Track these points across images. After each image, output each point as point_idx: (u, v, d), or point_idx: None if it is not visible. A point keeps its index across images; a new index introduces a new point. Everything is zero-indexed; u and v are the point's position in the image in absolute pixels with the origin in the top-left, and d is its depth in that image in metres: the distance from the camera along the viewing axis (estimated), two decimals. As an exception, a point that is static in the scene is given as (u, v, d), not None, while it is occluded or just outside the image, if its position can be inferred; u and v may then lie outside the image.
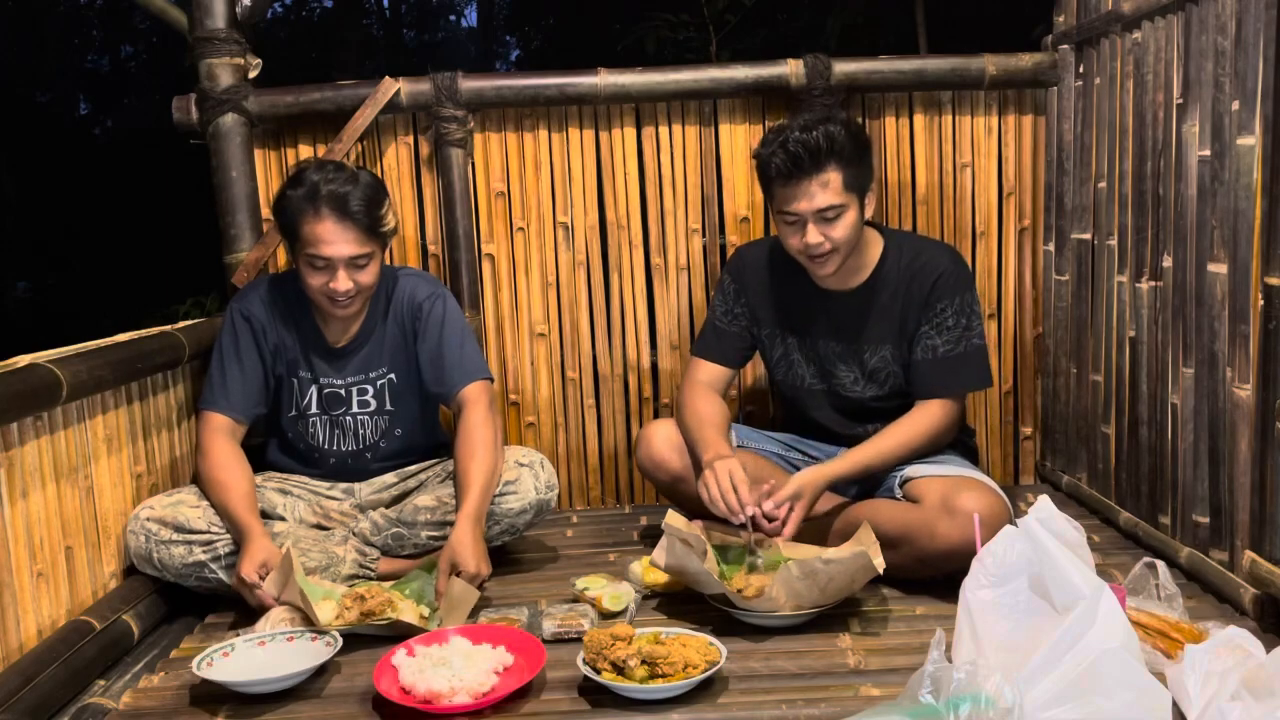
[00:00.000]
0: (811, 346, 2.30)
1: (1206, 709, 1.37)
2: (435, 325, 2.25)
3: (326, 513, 2.28)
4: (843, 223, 2.07)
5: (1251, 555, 1.80)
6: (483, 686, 1.62)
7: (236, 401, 2.20)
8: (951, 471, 2.09)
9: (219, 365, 2.22)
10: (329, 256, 2.07)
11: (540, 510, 2.26)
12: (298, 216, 2.08)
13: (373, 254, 2.11)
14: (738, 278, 2.35)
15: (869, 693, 1.62)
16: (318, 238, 2.06)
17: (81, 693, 1.75)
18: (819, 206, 2.04)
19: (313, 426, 2.31)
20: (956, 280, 2.17)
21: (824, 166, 2.02)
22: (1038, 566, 1.48)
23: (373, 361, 2.28)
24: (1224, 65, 1.87)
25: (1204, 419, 1.99)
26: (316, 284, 2.11)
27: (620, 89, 2.68)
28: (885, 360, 2.24)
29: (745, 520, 2.00)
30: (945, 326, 2.15)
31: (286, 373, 2.27)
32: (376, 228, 2.10)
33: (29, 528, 1.79)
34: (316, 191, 2.06)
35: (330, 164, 2.15)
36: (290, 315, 2.25)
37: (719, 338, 2.37)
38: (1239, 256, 1.84)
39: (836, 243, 2.08)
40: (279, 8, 12.04)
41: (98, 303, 8.41)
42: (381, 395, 2.30)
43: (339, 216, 2.05)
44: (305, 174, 2.11)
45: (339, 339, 2.26)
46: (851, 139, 2.05)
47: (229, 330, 2.24)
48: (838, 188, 2.04)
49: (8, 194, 9.58)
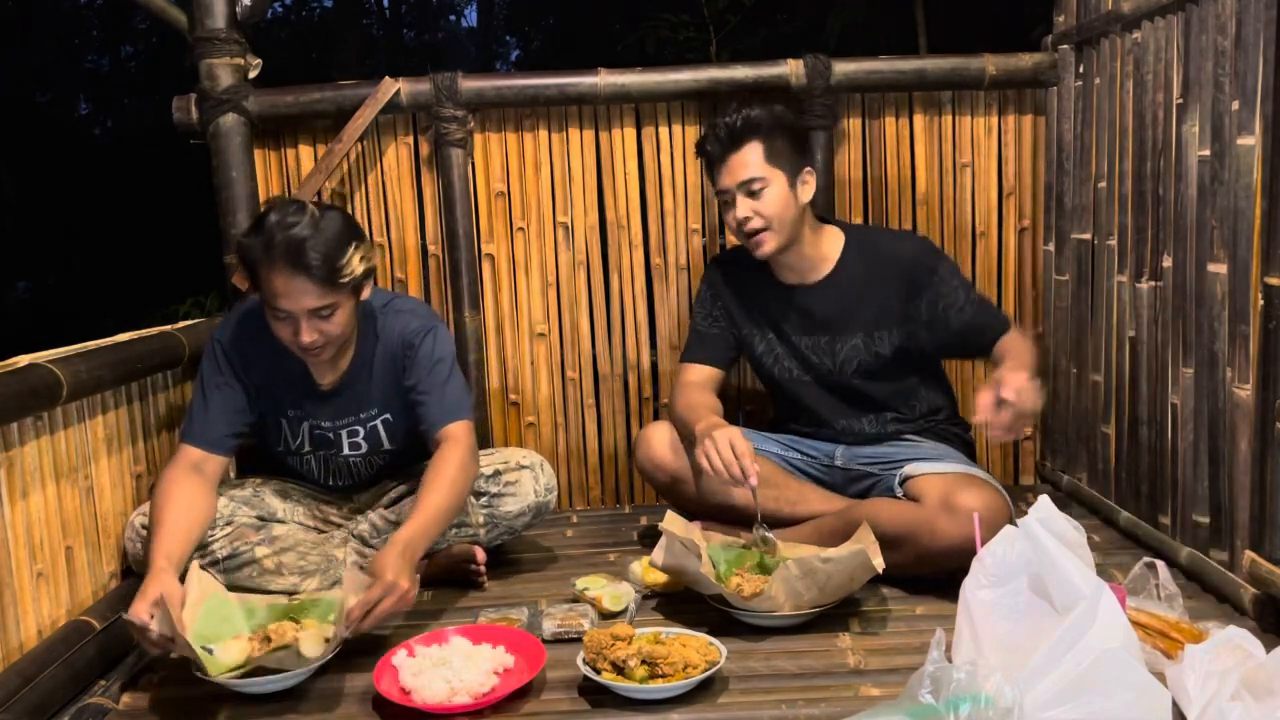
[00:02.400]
0: (787, 342, 2.34)
1: (1206, 709, 1.37)
2: (425, 360, 2.12)
3: (325, 516, 2.28)
4: (768, 197, 2.17)
5: (1251, 555, 1.80)
6: (483, 687, 1.62)
7: (212, 433, 2.07)
8: (952, 469, 2.10)
9: (199, 396, 2.11)
10: (287, 309, 1.92)
11: (539, 513, 2.25)
12: (256, 266, 1.92)
13: (336, 304, 1.94)
14: (711, 284, 2.42)
15: (869, 693, 1.62)
16: (274, 290, 1.90)
17: (81, 693, 1.75)
18: (740, 179, 2.17)
19: (307, 463, 2.26)
20: (932, 258, 2.27)
21: (742, 142, 2.17)
22: (1038, 566, 1.48)
23: (362, 403, 2.17)
24: (1224, 65, 1.87)
25: (1204, 419, 1.99)
26: (282, 335, 1.98)
27: (620, 89, 2.68)
28: (856, 349, 2.27)
29: (751, 488, 1.99)
30: (952, 287, 2.23)
31: (273, 412, 2.17)
32: (336, 278, 1.90)
33: (29, 528, 1.79)
34: (271, 240, 1.88)
35: (292, 205, 1.94)
36: (275, 352, 2.07)
37: (703, 341, 2.40)
38: (1239, 256, 1.84)
39: (767, 219, 2.18)
40: (279, 8, 12.04)
41: (98, 303, 8.41)
42: (374, 436, 2.20)
43: (293, 269, 1.87)
44: (266, 217, 1.93)
45: (326, 380, 2.14)
46: (770, 116, 2.19)
47: (210, 360, 2.11)
48: (759, 160, 2.17)
49: (8, 194, 9.58)
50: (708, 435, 2.03)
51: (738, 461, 1.97)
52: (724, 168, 2.20)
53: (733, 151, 2.18)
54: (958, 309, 2.22)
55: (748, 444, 2.01)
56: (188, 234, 6.22)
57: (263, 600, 1.89)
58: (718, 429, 2.05)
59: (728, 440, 2.00)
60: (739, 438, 2.01)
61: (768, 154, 2.17)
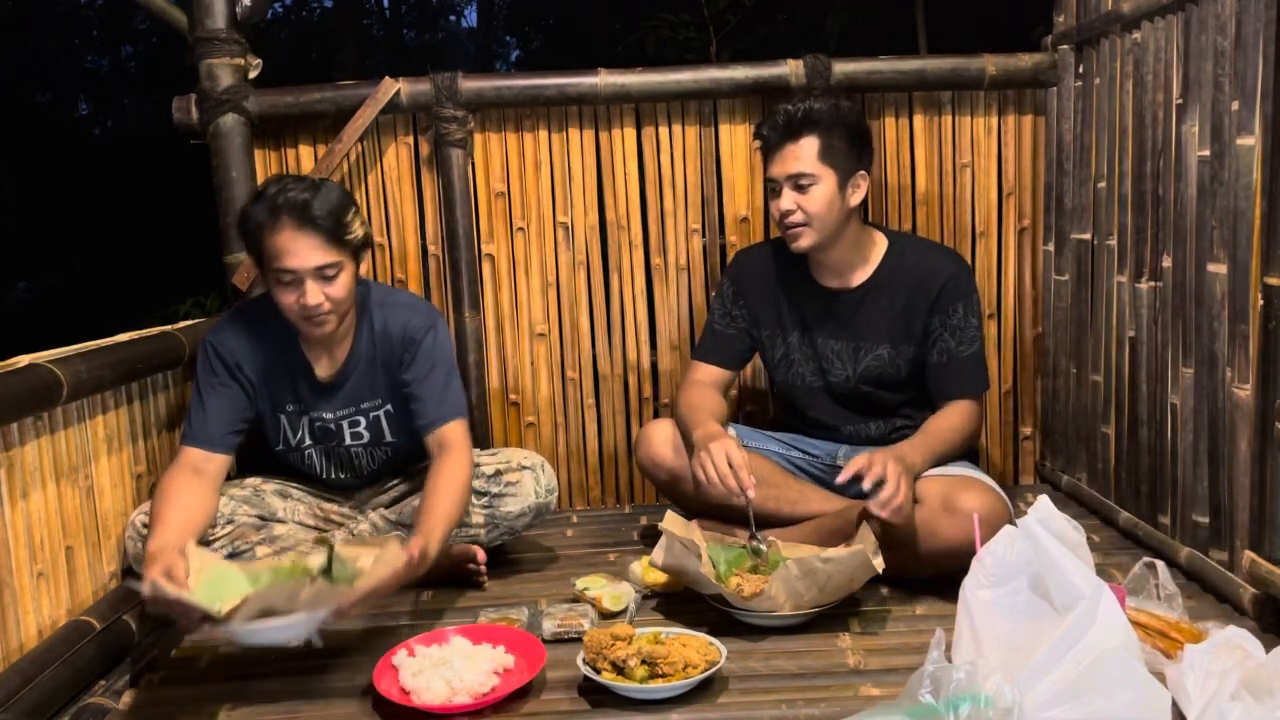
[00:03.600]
0: (811, 344, 2.31)
1: (1206, 709, 1.37)
2: (425, 357, 2.14)
3: (326, 515, 2.27)
4: (815, 195, 2.12)
5: (1251, 555, 1.80)
6: (483, 687, 1.62)
7: (212, 432, 2.07)
8: (951, 471, 2.09)
9: (196, 399, 2.11)
10: (294, 268, 1.94)
11: (540, 513, 2.25)
12: (259, 232, 1.95)
13: (341, 264, 1.97)
14: (736, 281, 2.37)
15: (869, 693, 1.62)
16: (279, 249, 1.94)
17: (81, 693, 1.75)
18: (790, 171, 2.12)
19: (308, 458, 2.25)
20: (965, 283, 2.22)
21: (799, 134, 2.12)
22: (1038, 566, 1.48)
23: (363, 393, 2.18)
24: (1224, 65, 1.87)
25: (1204, 419, 1.99)
26: (287, 302, 1.98)
27: (620, 89, 2.68)
28: (880, 360, 2.25)
29: (746, 502, 1.99)
30: (958, 328, 2.19)
31: (271, 409, 2.17)
32: (341, 235, 1.96)
33: (29, 528, 1.79)
34: (275, 203, 1.94)
35: (290, 177, 2.02)
36: (273, 348, 2.12)
37: (717, 341, 2.38)
38: (1239, 256, 1.84)
39: (809, 215, 2.13)
40: (279, 8, 12.05)
41: (98, 303, 8.42)
42: (376, 426, 2.21)
43: (299, 224, 1.92)
44: (266, 187, 2.00)
45: (326, 371, 2.15)
46: (833, 113, 2.13)
47: (203, 364, 2.11)
48: (812, 156, 2.12)
49: (8, 194, 9.58)
50: (704, 447, 2.03)
51: (734, 474, 1.98)
52: (777, 157, 2.15)
53: (788, 142, 2.13)
54: (954, 346, 2.19)
55: (744, 455, 2.01)
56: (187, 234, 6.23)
57: (265, 564, 1.88)
58: (714, 440, 2.04)
59: (723, 452, 2.00)
60: (735, 449, 2.01)
61: (823, 151, 2.12)
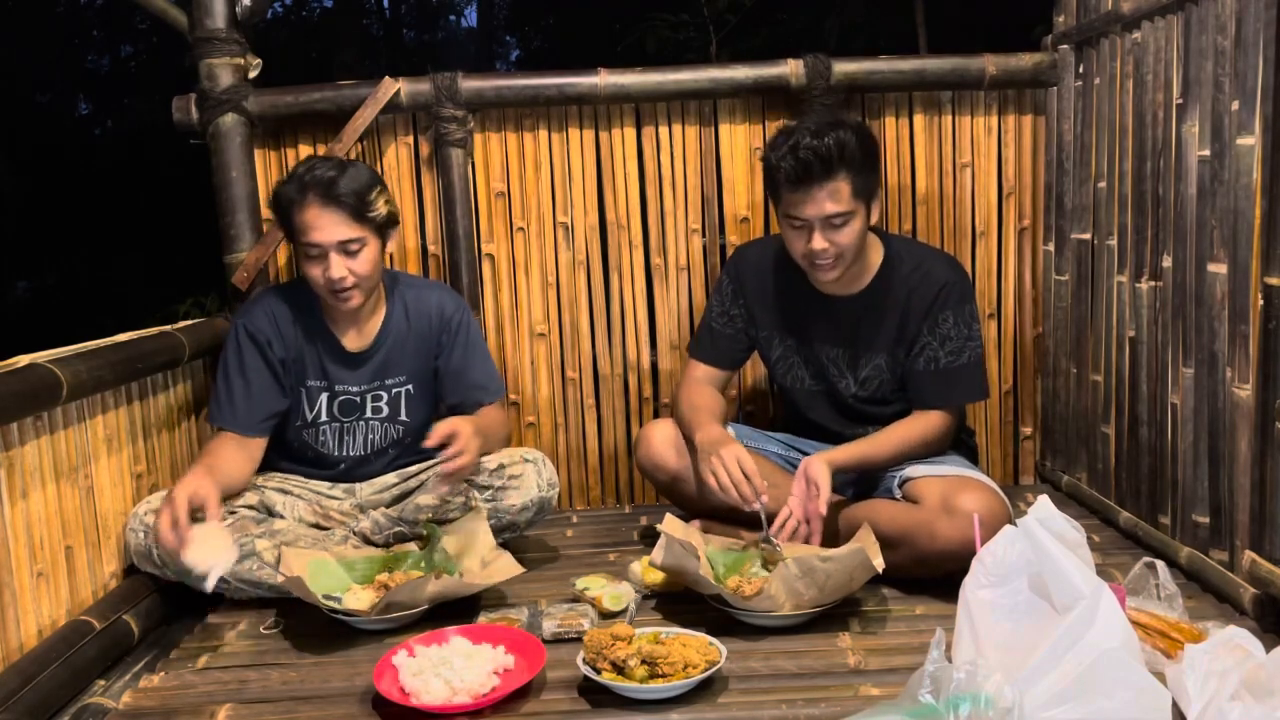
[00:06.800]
0: (809, 349, 2.29)
1: (1206, 709, 1.37)
2: (464, 341, 2.30)
3: (326, 512, 2.28)
4: (849, 230, 2.05)
5: (1251, 555, 1.80)
6: (483, 687, 1.62)
7: (244, 418, 2.20)
8: (951, 472, 2.09)
9: (224, 382, 2.21)
10: (319, 242, 2.09)
11: (541, 508, 2.26)
12: (289, 208, 2.12)
13: (364, 240, 2.12)
14: (736, 279, 2.35)
15: (869, 692, 1.62)
16: (306, 224, 2.10)
17: (81, 693, 1.75)
18: (827, 213, 2.02)
19: (322, 434, 2.30)
20: (960, 291, 2.17)
21: (834, 174, 1.99)
22: (1037, 566, 1.48)
23: (390, 369, 2.28)
24: (1224, 65, 1.87)
25: (1204, 419, 1.99)
26: (314, 275, 2.13)
27: (620, 89, 2.68)
28: (879, 368, 2.23)
29: (759, 509, 1.98)
30: (947, 337, 2.15)
31: (295, 383, 2.26)
32: (365, 211, 2.11)
33: (29, 528, 1.79)
34: (303, 181, 2.10)
35: (320, 158, 2.19)
36: (301, 324, 2.24)
37: (714, 339, 2.37)
38: (1239, 256, 1.84)
39: (842, 249, 2.07)
40: (279, 8, 12.01)
41: (98, 303, 8.41)
42: (396, 403, 2.30)
43: (324, 201, 2.08)
44: (296, 168, 2.17)
45: (356, 344, 2.26)
46: (862, 146, 2.02)
47: (234, 347, 2.22)
48: (846, 196, 2.01)
49: (8, 194, 9.57)
50: (714, 453, 2.03)
51: (747, 481, 1.97)
52: (807, 197, 2.00)
53: (822, 183, 1.99)
54: (942, 355, 2.15)
55: (754, 466, 2.01)
56: (187, 234, 6.22)
57: (358, 554, 2.10)
58: (723, 445, 2.04)
59: (735, 459, 1.99)
60: (746, 456, 2.01)
61: (855, 188, 2.02)
